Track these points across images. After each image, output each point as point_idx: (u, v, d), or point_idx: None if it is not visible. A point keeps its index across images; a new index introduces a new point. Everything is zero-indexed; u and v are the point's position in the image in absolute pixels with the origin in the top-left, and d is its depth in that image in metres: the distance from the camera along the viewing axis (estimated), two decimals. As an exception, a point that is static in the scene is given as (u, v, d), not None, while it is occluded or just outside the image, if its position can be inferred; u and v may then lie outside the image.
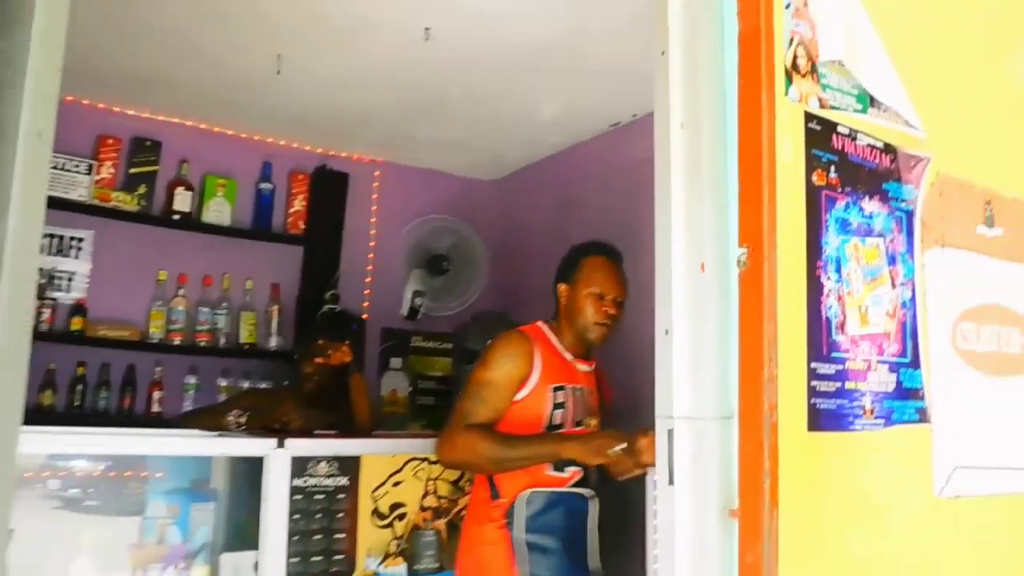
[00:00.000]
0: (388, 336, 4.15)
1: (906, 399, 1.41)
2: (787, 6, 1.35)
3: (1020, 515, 1.57)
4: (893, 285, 1.43)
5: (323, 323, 3.24)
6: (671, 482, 1.31)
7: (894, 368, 1.40)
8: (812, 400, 1.28)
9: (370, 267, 4.14)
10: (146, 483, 2.35)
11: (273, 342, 3.83)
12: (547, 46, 2.83)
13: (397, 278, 3.95)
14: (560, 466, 2.13)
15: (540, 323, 2.31)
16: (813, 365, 1.29)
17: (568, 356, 2.25)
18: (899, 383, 1.41)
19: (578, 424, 2.18)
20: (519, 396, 2.13)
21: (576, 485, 2.16)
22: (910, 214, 1.48)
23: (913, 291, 1.46)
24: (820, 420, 1.28)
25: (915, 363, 1.44)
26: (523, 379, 2.13)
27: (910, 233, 1.48)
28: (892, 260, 1.43)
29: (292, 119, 3.72)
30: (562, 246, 3.81)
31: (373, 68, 3.09)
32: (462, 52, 2.91)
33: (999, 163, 1.70)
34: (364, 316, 4.00)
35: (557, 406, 2.14)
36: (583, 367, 2.28)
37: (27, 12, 1.04)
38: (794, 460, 1.24)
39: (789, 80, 1.33)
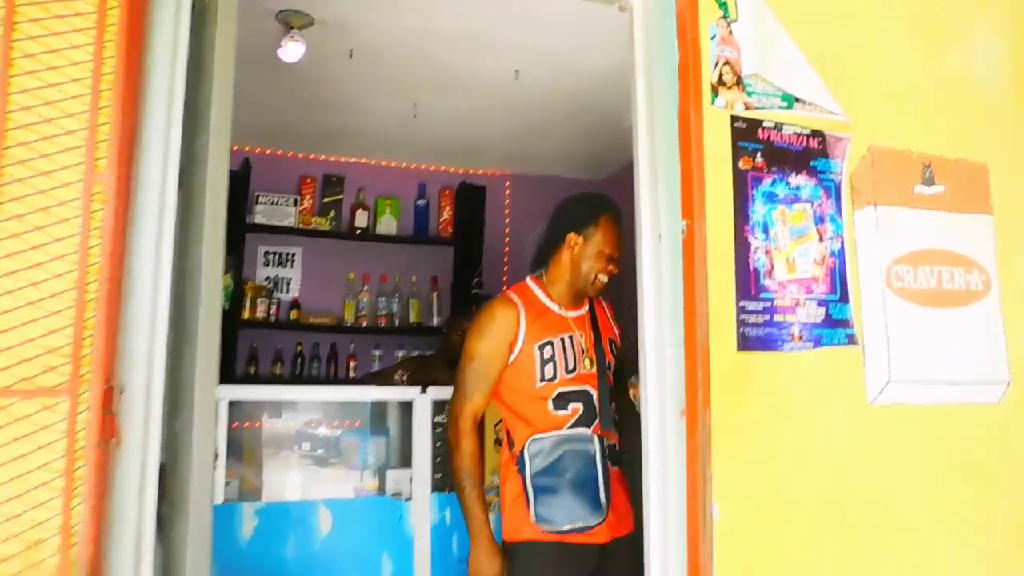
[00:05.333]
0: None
1: (835, 327, 1.59)
2: (712, 37, 1.57)
3: (949, 422, 1.66)
4: (821, 239, 1.60)
5: (470, 304, 3.67)
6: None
7: (822, 303, 1.58)
8: (741, 329, 1.50)
9: (507, 259, 4.54)
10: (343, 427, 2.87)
11: (435, 320, 4.31)
12: (611, 70, 3.07)
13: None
14: (561, 404, 1.98)
15: (528, 279, 2.11)
16: (742, 303, 1.51)
17: (555, 308, 2.04)
18: (828, 315, 1.58)
19: (571, 372, 1.99)
20: (510, 360, 1.98)
21: (578, 423, 1.98)
22: (838, 183, 1.64)
23: (842, 243, 1.62)
24: (749, 343, 1.50)
25: (843, 299, 1.60)
26: (511, 344, 1.97)
27: (838, 197, 1.64)
28: (820, 220, 1.61)
29: (436, 148, 4.20)
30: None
31: (483, 103, 3.48)
32: (546, 84, 3.23)
33: (940, 131, 1.77)
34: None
35: (545, 362, 1.97)
36: (573, 313, 2.06)
37: (206, 120, 1.45)
38: (725, 373, 1.47)
39: (715, 93, 1.55)
